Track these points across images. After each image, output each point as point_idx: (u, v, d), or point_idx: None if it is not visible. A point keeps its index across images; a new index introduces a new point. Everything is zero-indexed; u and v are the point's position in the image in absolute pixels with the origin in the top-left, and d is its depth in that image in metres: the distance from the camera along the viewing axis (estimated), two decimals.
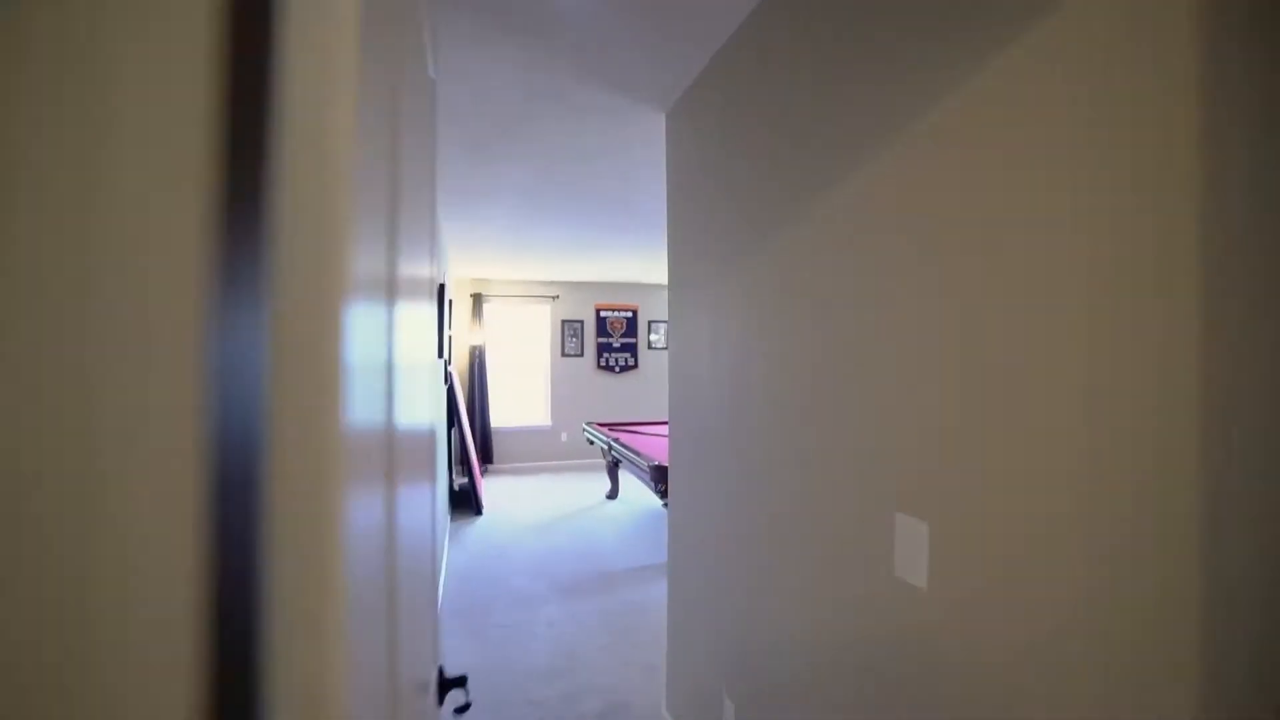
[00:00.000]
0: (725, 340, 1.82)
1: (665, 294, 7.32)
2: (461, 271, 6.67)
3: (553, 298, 7.53)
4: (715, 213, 1.89)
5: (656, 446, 4.67)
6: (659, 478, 3.76)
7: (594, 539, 4.68)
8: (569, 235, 4.67)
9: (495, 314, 7.42)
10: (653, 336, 7.93)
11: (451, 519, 5.19)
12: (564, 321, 7.58)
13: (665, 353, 7.92)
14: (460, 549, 4.47)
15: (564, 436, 7.58)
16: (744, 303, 1.70)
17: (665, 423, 6.69)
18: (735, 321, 1.75)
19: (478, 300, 7.13)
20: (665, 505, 4.19)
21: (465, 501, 5.45)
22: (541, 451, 7.52)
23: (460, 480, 5.60)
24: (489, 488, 6.40)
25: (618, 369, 7.76)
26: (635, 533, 4.84)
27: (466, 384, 7.15)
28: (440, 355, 3.68)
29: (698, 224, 2.03)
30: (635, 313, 7.84)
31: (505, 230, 4.48)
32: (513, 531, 4.86)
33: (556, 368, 7.57)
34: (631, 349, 7.82)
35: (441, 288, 3.63)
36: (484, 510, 5.42)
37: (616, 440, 4.88)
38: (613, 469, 5.80)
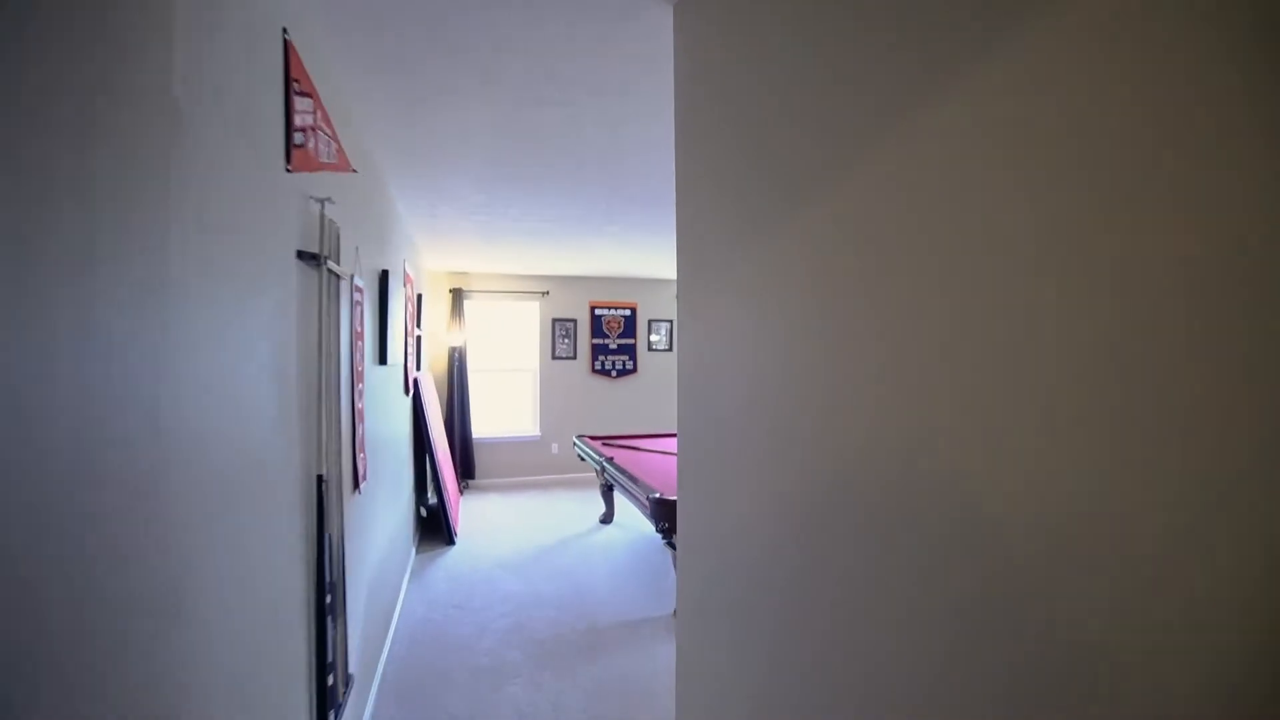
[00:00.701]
0: (767, 334, 1.08)
1: (668, 289, 6.64)
2: (436, 263, 5.93)
3: (542, 294, 6.79)
4: (748, 148, 1.15)
5: (659, 470, 3.92)
6: (661, 514, 3.02)
7: (583, 579, 3.93)
8: (553, 215, 3.93)
9: (477, 311, 6.68)
10: (653, 337, 7.18)
11: (417, 550, 4.44)
12: (555, 320, 6.84)
13: (668, 355, 7.20)
14: (420, 592, 3.72)
15: (554, 448, 6.83)
16: (800, 276, 0.96)
17: (671, 435, 5.94)
18: (785, 306, 1.01)
19: (457, 296, 6.39)
20: (668, 544, 3.45)
21: (436, 528, 4.71)
22: (529, 465, 6.77)
23: (431, 500, 4.86)
24: (468, 508, 5.65)
25: (614, 373, 7.02)
26: (632, 568, 4.09)
27: (445, 390, 6.41)
28: (384, 360, 2.93)
29: (721, 166, 1.28)
30: (634, 310, 7.10)
31: (477, 210, 3.74)
32: (487, 569, 4.11)
33: (546, 371, 6.83)
34: (630, 351, 7.08)
35: (385, 276, 2.88)
36: (457, 538, 4.68)
37: (610, 460, 4.14)
38: (607, 491, 5.06)
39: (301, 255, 1.44)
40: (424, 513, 4.51)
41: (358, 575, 2.17)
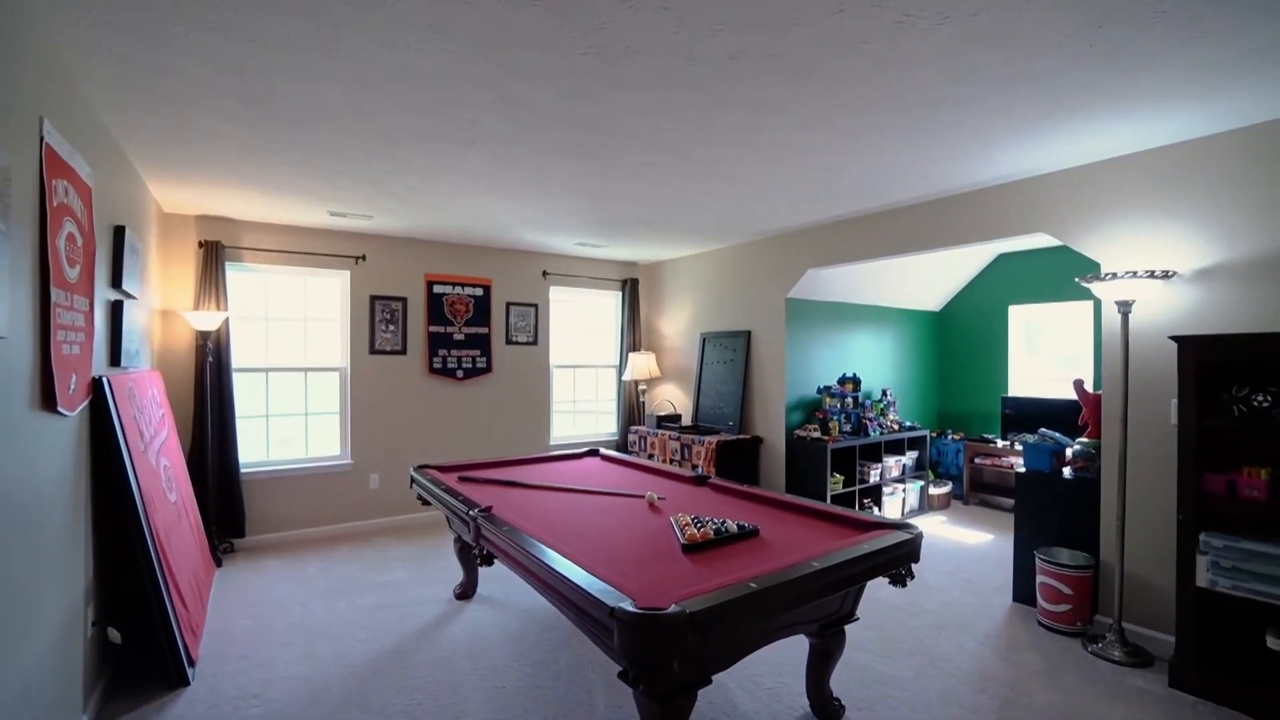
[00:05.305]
0: None
1: (535, 263, 5.14)
2: (173, 196, 3.62)
3: (355, 259, 4.73)
4: None
5: (601, 533, 2.30)
6: (643, 646, 1.45)
7: None
8: (390, 71, 2.14)
9: (249, 282, 4.43)
10: (515, 323, 5.46)
11: (98, 716, 2.31)
12: (374, 299, 4.81)
13: (533, 350, 5.56)
14: None
15: (374, 481, 4.80)
16: None
17: (579, 455, 4.13)
18: None
19: (213, 254, 4.10)
20: (651, 697, 1.84)
21: (149, 660, 2.56)
22: (335, 508, 4.66)
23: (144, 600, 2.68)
24: (227, 594, 3.48)
25: (461, 374, 5.18)
26: (534, 693, 2.43)
27: (194, 399, 4.09)
28: None
29: None
30: (488, 289, 5.32)
31: (199, 48, 1.83)
32: None
33: (360, 370, 4.78)
34: (482, 344, 5.28)
35: None
36: (195, 670, 2.60)
37: (486, 515, 2.41)
38: (466, 550, 3.31)
39: None
40: (117, 637, 2.39)
41: None
